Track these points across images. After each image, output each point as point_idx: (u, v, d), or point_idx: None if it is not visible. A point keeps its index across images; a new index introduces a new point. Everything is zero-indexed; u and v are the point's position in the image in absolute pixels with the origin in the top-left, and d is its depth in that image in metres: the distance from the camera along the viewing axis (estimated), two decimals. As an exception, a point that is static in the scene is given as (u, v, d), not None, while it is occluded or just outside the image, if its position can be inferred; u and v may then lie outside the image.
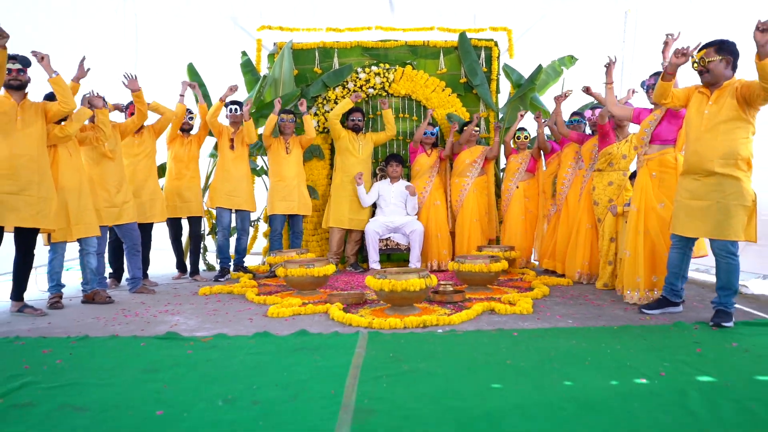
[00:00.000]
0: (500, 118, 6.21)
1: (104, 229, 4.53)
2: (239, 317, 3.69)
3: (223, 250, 5.41)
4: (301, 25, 6.45)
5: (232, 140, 5.33)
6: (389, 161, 5.82)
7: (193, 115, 5.49)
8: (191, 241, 5.57)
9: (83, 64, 4.12)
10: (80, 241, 4.21)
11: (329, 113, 5.87)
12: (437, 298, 4.02)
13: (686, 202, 3.33)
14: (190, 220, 5.48)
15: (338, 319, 3.51)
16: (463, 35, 6.18)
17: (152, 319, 3.67)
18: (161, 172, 5.67)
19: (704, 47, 3.27)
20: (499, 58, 6.25)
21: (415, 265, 5.59)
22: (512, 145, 5.78)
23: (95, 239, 4.28)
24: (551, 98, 5.61)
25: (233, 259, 5.57)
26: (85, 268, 4.28)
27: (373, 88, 6.15)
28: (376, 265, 5.63)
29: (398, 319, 3.36)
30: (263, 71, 6.32)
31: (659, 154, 3.85)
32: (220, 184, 5.32)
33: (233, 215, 5.47)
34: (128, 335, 3.21)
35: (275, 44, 6.29)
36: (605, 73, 4.15)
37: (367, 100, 6.23)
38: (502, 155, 6.07)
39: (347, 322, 3.43)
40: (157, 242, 5.48)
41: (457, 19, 6.52)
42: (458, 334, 3.15)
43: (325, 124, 5.96)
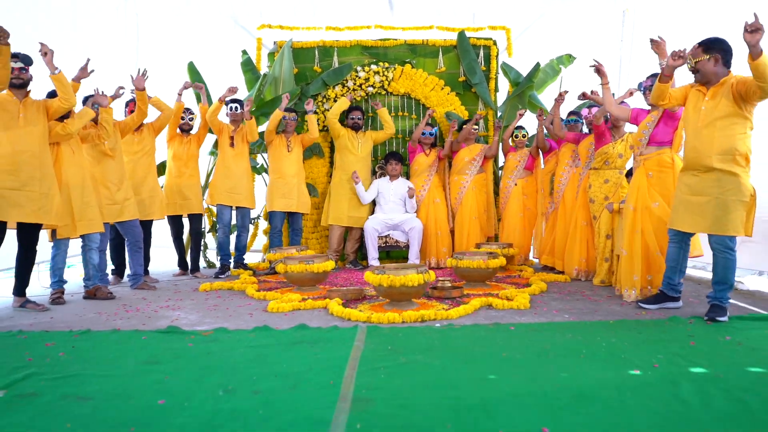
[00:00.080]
0: (499, 116, 6.24)
1: (106, 226, 4.56)
2: (239, 312, 3.73)
3: (223, 247, 5.45)
4: (301, 23, 6.49)
5: (232, 137, 5.36)
6: (388, 159, 5.85)
7: (193, 115, 5.53)
8: (192, 238, 5.60)
9: (87, 66, 4.12)
10: (83, 237, 4.25)
11: (327, 112, 5.91)
12: (435, 293, 4.06)
13: (685, 197, 3.35)
14: (190, 217, 5.51)
15: (337, 314, 3.55)
16: (462, 34, 6.22)
17: (153, 314, 3.71)
18: (161, 170, 5.71)
19: (693, 47, 3.31)
20: (497, 56, 6.28)
21: (414, 262, 5.63)
22: (510, 143, 5.81)
23: (98, 235, 4.32)
24: (549, 97, 5.65)
25: (233, 256, 5.61)
26: (87, 264, 4.32)
27: (372, 86, 6.18)
28: (375, 262, 5.67)
29: (397, 313, 3.40)
30: (263, 70, 6.36)
31: (656, 154, 3.88)
32: (220, 181, 5.35)
33: (233, 212, 5.51)
34: (130, 329, 3.25)
35: (275, 43, 6.33)
36: (599, 76, 4.18)
37: (366, 98, 6.27)
38: (500, 153, 6.11)
39: (346, 316, 3.47)
40: (158, 240, 5.52)
41: (456, 18, 6.54)
42: (456, 328, 3.19)
43: (324, 122, 6.00)
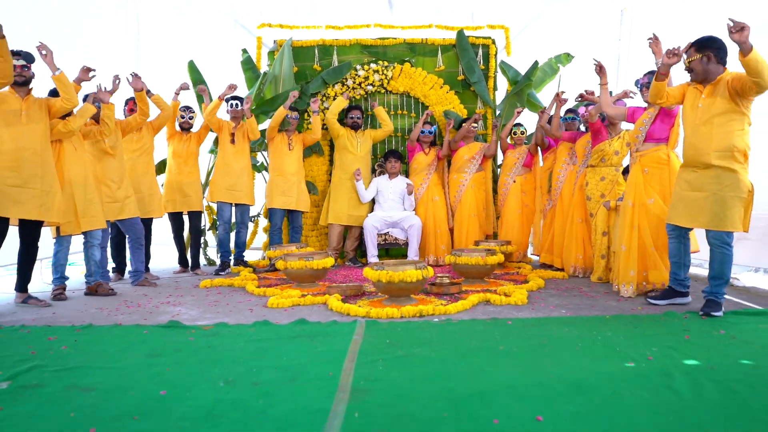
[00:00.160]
0: (497, 114, 6.28)
1: (107, 223, 4.59)
2: (240, 308, 3.77)
3: (223, 244, 5.48)
4: (300, 22, 6.52)
5: (233, 134, 5.39)
6: (388, 157, 5.89)
7: (193, 113, 5.56)
8: (192, 235, 5.64)
9: (88, 70, 4.10)
10: (85, 234, 4.28)
11: (326, 111, 5.94)
12: (434, 290, 4.09)
13: (684, 193, 3.38)
14: (190, 214, 5.55)
15: (337, 309, 3.58)
16: (460, 33, 6.25)
17: (154, 309, 3.75)
18: (161, 168, 5.75)
19: (687, 47, 3.35)
20: (496, 55, 6.31)
21: (413, 259, 5.66)
22: (509, 141, 5.85)
23: (99, 232, 4.35)
24: (548, 96, 5.68)
25: (233, 253, 5.65)
26: (89, 260, 4.35)
27: (372, 85, 6.22)
28: (374, 259, 5.70)
29: (395, 309, 3.43)
30: (263, 68, 6.40)
31: (652, 150, 3.92)
32: (220, 178, 5.38)
33: (233, 209, 5.54)
34: (131, 324, 3.29)
35: (275, 42, 6.36)
36: (598, 75, 4.23)
37: (366, 97, 6.30)
38: (499, 151, 6.14)
39: (345, 311, 3.51)
40: (158, 237, 5.55)
41: (455, 17, 6.57)
42: (453, 322, 3.23)
43: (324, 121, 6.03)
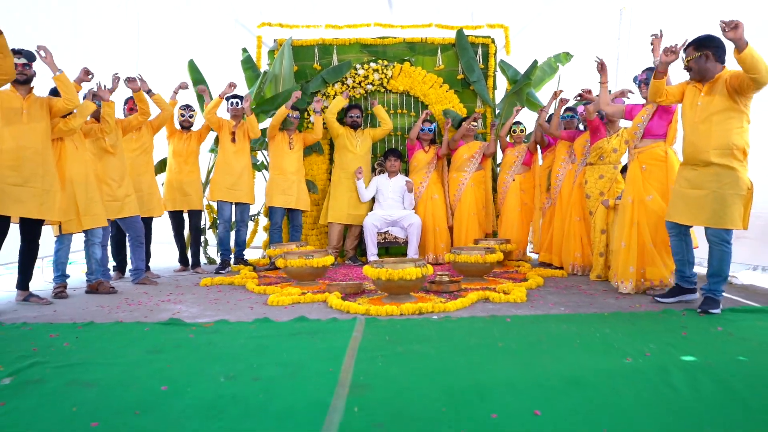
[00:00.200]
0: (497, 113, 6.30)
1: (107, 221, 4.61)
2: (240, 305, 3.78)
3: (224, 242, 5.50)
4: (300, 22, 6.54)
5: (233, 133, 5.40)
6: (387, 156, 5.91)
7: (193, 112, 5.58)
8: (192, 234, 5.66)
9: (88, 73, 4.10)
10: (86, 232, 4.29)
11: (326, 110, 5.95)
12: (433, 288, 4.11)
13: (684, 191, 3.40)
14: (190, 213, 5.57)
15: (336, 306, 3.60)
16: (460, 32, 6.27)
17: (155, 307, 3.76)
18: (162, 166, 5.77)
19: (686, 46, 3.37)
20: (495, 54, 6.33)
21: (412, 257, 5.67)
22: (508, 139, 5.86)
23: (100, 230, 4.37)
24: (547, 94, 5.70)
25: (233, 252, 5.66)
26: (90, 258, 4.36)
27: (371, 84, 6.23)
28: (374, 258, 5.71)
29: (395, 306, 3.45)
30: (263, 68, 6.41)
31: (650, 147, 3.94)
32: (221, 177, 5.40)
33: (233, 208, 5.56)
34: (132, 321, 3.30)
35: (275, 41, 6.37)
36: (599, 73, 4.25)
37: (365, 96, 6.32)
38: (498, 150, 6.16)
39: (345, 309, 3.53)
40: (158, 236, 5.57)
41: (454, 16, 6.59)
42: (453, 320, 3.25)
43: (323, 120, 6.05)
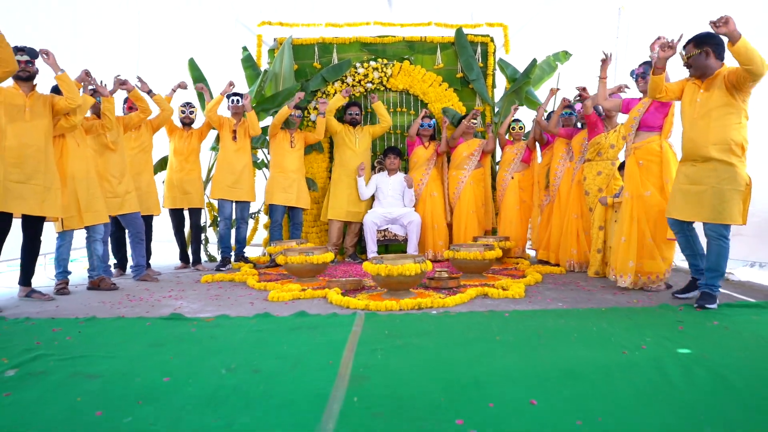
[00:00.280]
0: (496, 112, 6.32)
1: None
2: (241, 301, 3.81)
3: (224, 239, 5.53)
4: (300, 20, 6.57)
5: (234, 131, 5.43)
6: (387, 154, 5.93)
7: (194, 108, 5.60)
8: (192, 231, 5.69)
9: (88, 75, 4.14)
10: (87, 228, 4.32)
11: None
12: (433, 284, 4.15)
13: (683, 186, 3.43)
14: (190, 211, 5.60)
15: (336, 302, 3.63)
16: (459, 31, 6.29)
17: (156, 303, 3.79)
18: (163, 165, 5.80)
19: (686, 44, 3.40)
20: (494, 53, 6.36)
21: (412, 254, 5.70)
22: (507, 137, 5.89)
23: (102, 227, 4.39)
24: (546, 93, 5.72)
25: (234, 249, 5.69)
26: (91, 255, 4.39)
27: (371, 82, 6.26)
28: (374, 255, 5.74)
29: (394, 301, 3.48)
30: (264, 66, 6.43)
31: (645, 142, 3.97)
32: (222, 176, 5.41)
33: (234, 206, 5.58)
34: (134, 316, 3.34)
35: (275, 40, 6.40)
36: (600, 68, 4.28)
37: (365, 94, 6.34)
38: (497, 148, 6.19)
39: (345, 304, 3.56)
40: (159, 234, 5.60)
41: (453, 14, 6.61)
42: (452, 315, 3.28)
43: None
